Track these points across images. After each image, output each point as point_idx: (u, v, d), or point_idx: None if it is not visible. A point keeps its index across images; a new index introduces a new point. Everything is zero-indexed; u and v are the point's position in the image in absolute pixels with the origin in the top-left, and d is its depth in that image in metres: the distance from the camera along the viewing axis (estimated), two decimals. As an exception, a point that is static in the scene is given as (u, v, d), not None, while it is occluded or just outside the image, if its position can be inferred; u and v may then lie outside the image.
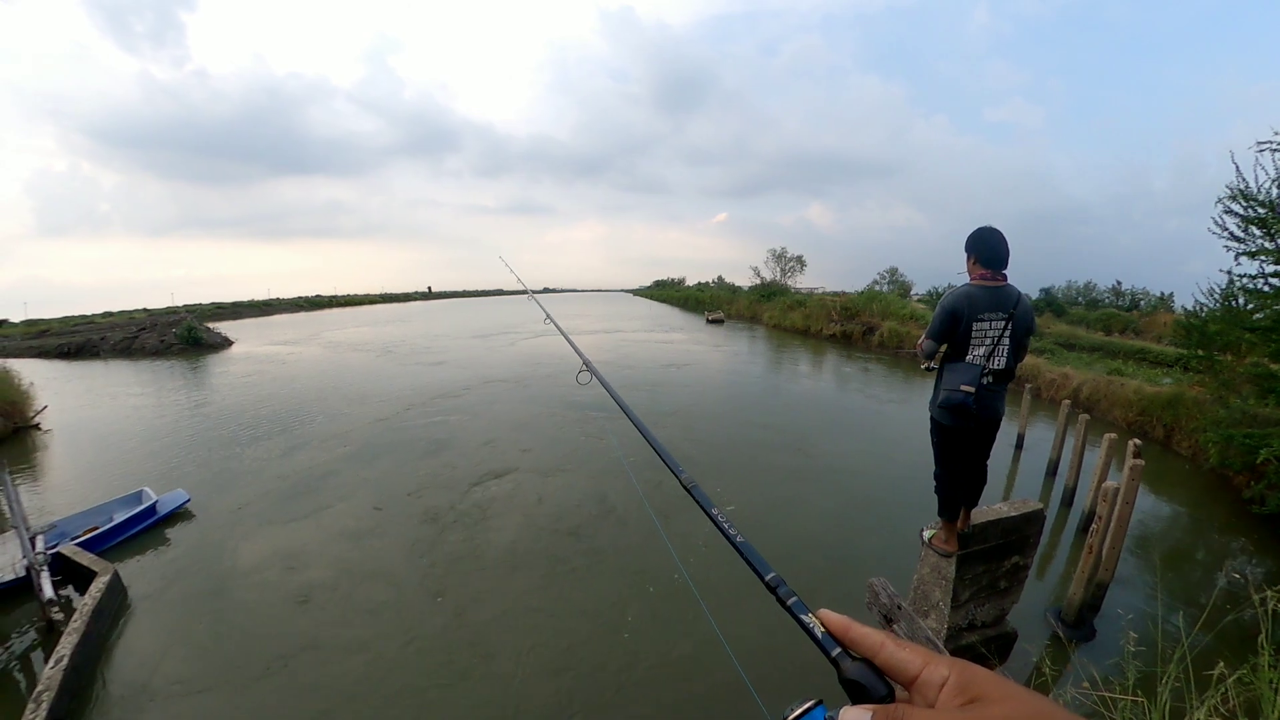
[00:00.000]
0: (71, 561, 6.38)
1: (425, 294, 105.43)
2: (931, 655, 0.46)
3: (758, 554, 0.64)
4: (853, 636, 0.50)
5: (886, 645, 0.48)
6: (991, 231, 3.14)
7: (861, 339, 27.21)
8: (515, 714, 4.48)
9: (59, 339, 29.02)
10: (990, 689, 0.41)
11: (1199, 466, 10.26)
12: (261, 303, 60.61)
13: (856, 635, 0.50)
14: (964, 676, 0.43)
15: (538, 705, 4.57)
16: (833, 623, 0.52)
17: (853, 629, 0.51)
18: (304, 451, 10.77)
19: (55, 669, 4.48)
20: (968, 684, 0.42)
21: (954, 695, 0.42)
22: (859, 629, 0.50)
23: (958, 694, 0.42)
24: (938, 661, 0.45)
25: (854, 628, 0.51)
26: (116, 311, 48.40)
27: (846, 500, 8.58)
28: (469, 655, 5.12)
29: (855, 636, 0.50)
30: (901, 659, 0.46)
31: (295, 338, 32.95)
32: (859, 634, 0.50)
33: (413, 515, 7.88)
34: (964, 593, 3.75)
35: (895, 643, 0.48)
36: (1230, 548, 7.66)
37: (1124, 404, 13.33)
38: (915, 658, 0.46)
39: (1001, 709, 0.40)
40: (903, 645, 0.47)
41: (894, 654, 0.47)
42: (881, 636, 0.48)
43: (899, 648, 0.47)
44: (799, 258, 55.10)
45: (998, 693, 0.41)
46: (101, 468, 10.41)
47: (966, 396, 3.11)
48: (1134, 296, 50.45)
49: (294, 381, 18.23)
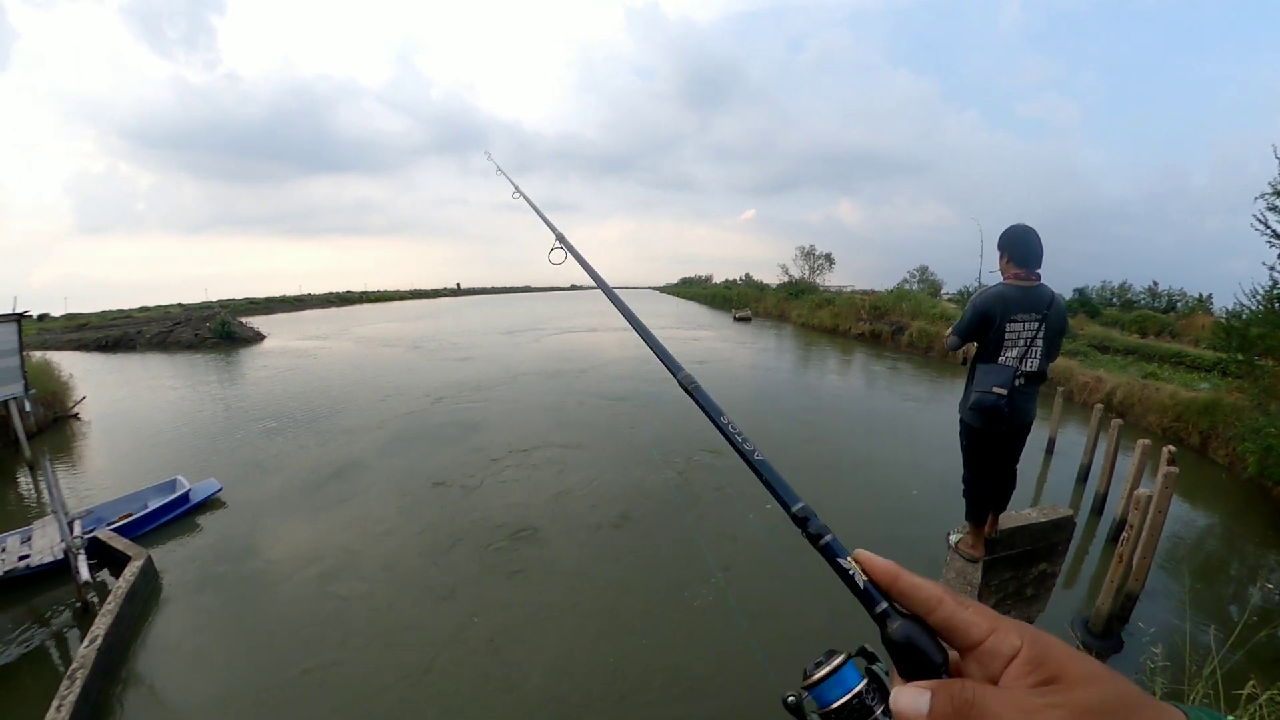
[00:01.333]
0: (107, 546, 6.59)
1: (454, 290, 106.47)
2: (1000, 619, 0.39)
3: (782, 479, 0.53)
4: (902, 587, 0.42)
5: (946, 601, 0.40)
6: (1025, 230, 3.07)
7: (891, 338, 26.84)
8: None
9: (97, 333, 29.93)
10: (1070, 667, 0.35)
11: (1236, 476, 9.94)
12: (293, 298, 61.77)
13: (907, 586, 0.42)
14: (1038, 649, 0.36)
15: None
16: (878, 569, 0.43)
17: (903, 578, 0.42)
18: (333, 443, 10.97)
19: (89, 648, 4.63)
20: (1043, 659, 0.36)
21: (1026, 671, 0.35)
22: (910, 578, 0.42)
23: (1031, 670, 0.35)
24: (1006, 628, 0.38)
25: (904, 576, 0.42)
26: (153, 306, 49.76)
27: (871, 500, 8.49)
28: (495, 662, 5.17)
29: (905, 587, 0.42)
30: (963, 619, 0.39)
31: (326, 332, 33.56)
32: (910, 584, 0.42)
33: (437, 507, 7.98)
34: (989, 599, 3.67)
35: (956, 600, 0.40)
36: (1267, 562, 7.41)
37: (1159, 409, 12.96)
38: (981, 620, 0.38)
39: (1085, 693, 0.34)
40: (965, 603, 0.40)
41: (955, 613, 0.39)
42: (939, 589, 0.41)
43: (961, 606, 0.39)
44: (827, 255, 54.69)
45: (1079, 672, 0.35)
46: (137, 457, 10.73)
47: (999, 399, 3.04)
48: (1170, 298, 49.00)
49: (324, 375, 18.59)
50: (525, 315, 41.77)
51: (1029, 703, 0.34)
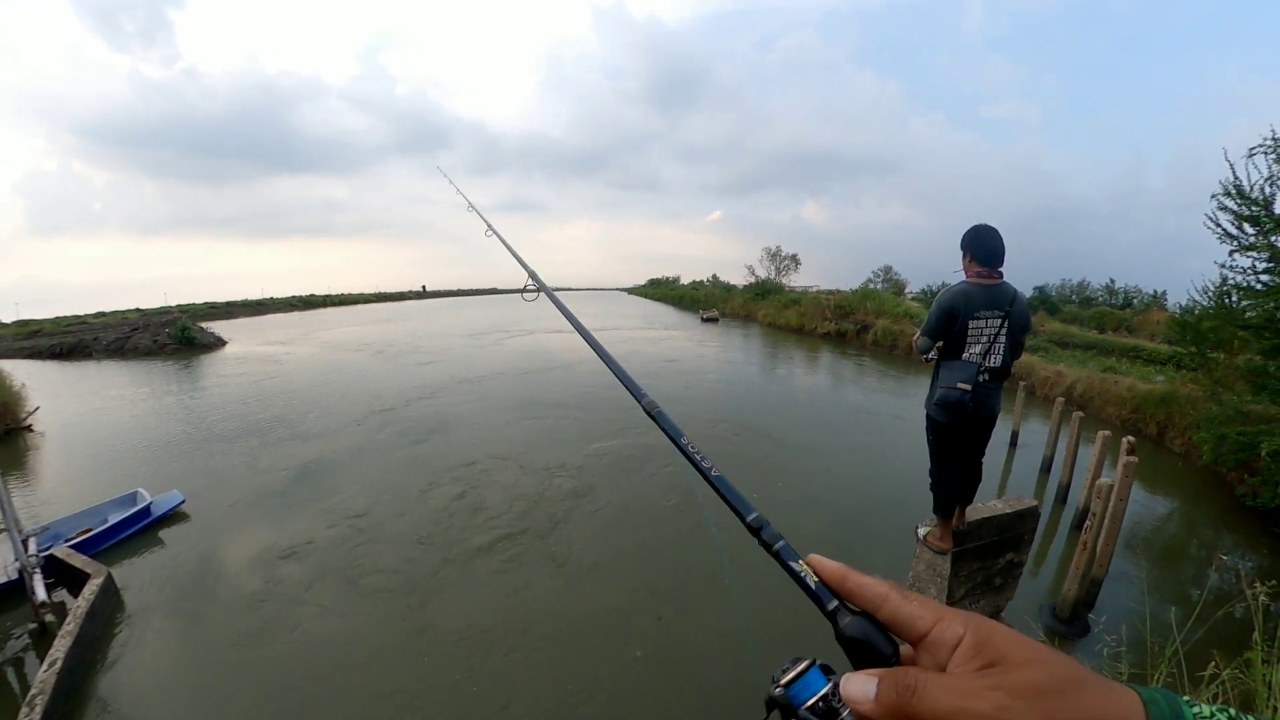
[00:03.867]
0: (65, 564, 6.33)
1: (419, 293, 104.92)
2: (943, 610, 0.41)
3: (737, 492, 0.56)
4: (850, 587, 0.45)
5: (891, 598, 0.42)
6: (987, 229, 3.16)
7: (856, 337, 27.25)
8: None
9: (51, 339, 28.80)
10: (1011, 650, 0.37)
11: (1192, 463, 10.33)
12: (255, 302, 60.31)
13: (855, 585, 0.45)
14: (981, 635, 0.38)
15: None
16: (827, 571, 0.47)
17: (850, 578, 0.45)
18: (298, 450, 10.72)
19: (49, 672, 4.45)
20: (985, 644, 0.38)
21: (969, 657, 0.38)
22: (858, 577, 0.45)
23: (974, 655, 0.37)
24: (951, 618, 0.40)
25: (852, 576, 0.45)
26: (109, 311, 48.07)
27: (841, 496, 8.60)
28: (466, 655, 5.12)
29: (854, 586, 0.45)
30: (909, 613, 0.41)
31: (289, 338, 32.80)
32: (858, 583, 0.45)
33: (405, 510, 7.87)
34: (959, 589, 3.76)
35: (901, 594, 0.43)
36: (1223, 543, 7.72)
37: (1117, 401, 13.41)
38: (925, 612, 0.41)
39: (1025, 674, 0.35)
40: (909, 597, 0.42)
41: (900, 607, 0.42)
42: (885, 587, 0.43)
43: (905, 600, 0.42)
44: (794, 256, 55.28)
45: (1019, 655, 0.37)
46: (95, 469, 10.35)
47: (963, 394, 3.12)
48: (1127, 295, 50.76)
49: (288, 381, 18.14)
50: (493, 318, 41.36)
51: (969, 685, 0.36)
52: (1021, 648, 0.37)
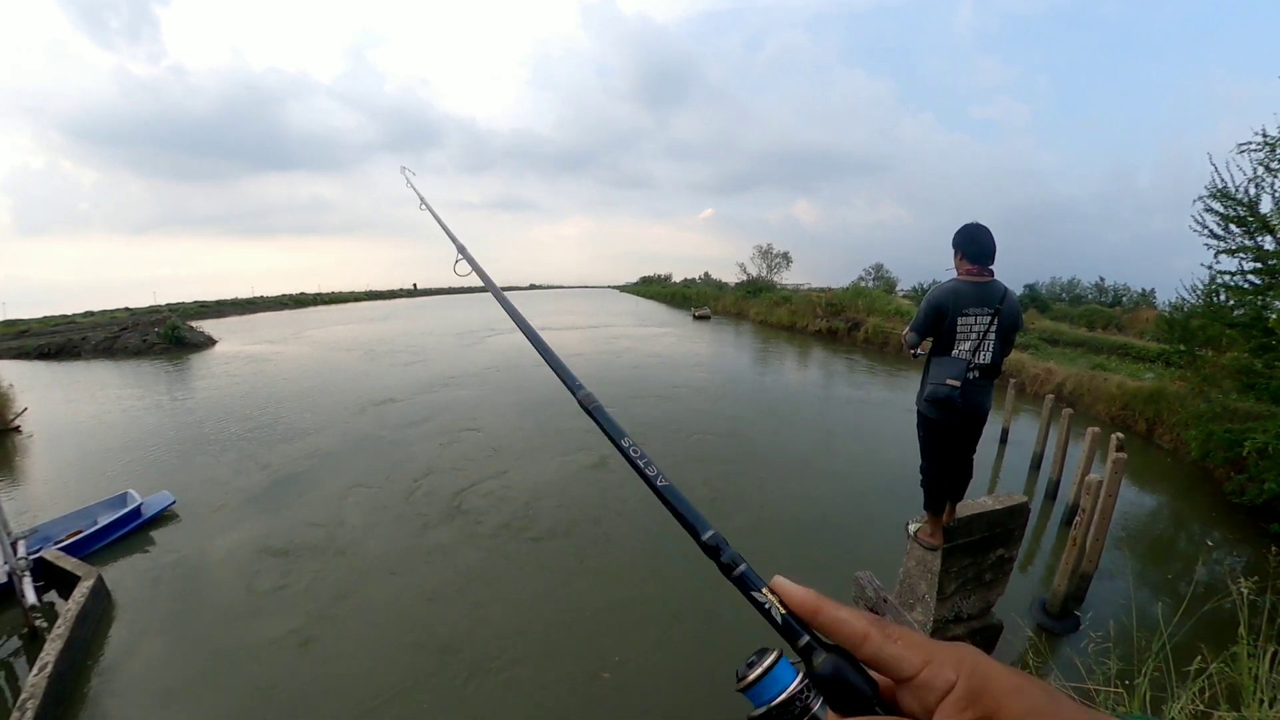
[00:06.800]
0: (55, 566, 6.28)
1: (410, 291, 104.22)
2: (932, 648, 0.37)
3: (691, 506, 0.48)
4: (825, 621, 0.40)
5: (872, 637, 0.38)
6: (978, 227, 3.18)
7: (847, 335, 27.34)
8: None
9: (39, 339, 28.47)
10: (1007, 703, 0.33)
11: (1180, 460, 10.44)
12: (245, 301, 59.80)
13: (830, 620, 0.39)
14: (974, 683, 0.34)
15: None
16: (796, 600, 0.41)
17: (824, 610, 0.40)
18: (288, 450, 10.67)
19: (39, 675, 4.42)
20: (979, 693, 0.34)
21: (960, 708, 0.34)
22: (832, 611, 0.40)
23: (965, 707, 0.34)
24: (941, 659, 0.36)
25: (825, 609, 0.40)
26: (98, 311, 47.59)
27: (832, 493, 8.65)
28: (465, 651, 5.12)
29: (828, 622, 0.39)
30: (892, 655, 0.37)
31: (279, 336, 32.55)
32: (834, 619, 0.39)
33: (394, 509, 7.85)
34: (950, 586, 3.79)
35: (883, 633, 0.38)
36: (1210, 538, 7.81)
37: (1107, 398, 13.53)
38: (911, 654, 0.36)
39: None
40: (893, 636, 0.37)
41: (883, 649, 0.37)
42: (864, 624, 0.38)
43: (888, 640, 0.37)
44: (785, 254, 55.47)
45: (1017, 709, 0.33)
46: (85, 470, 10.26)
47: (952, 391, 3.14)
48: (1116, 293, 51.17)
49: (278, 380, 18.03)
50: (481, 316, 41.14)
51: None
52: (1018, 699, 0.34)
